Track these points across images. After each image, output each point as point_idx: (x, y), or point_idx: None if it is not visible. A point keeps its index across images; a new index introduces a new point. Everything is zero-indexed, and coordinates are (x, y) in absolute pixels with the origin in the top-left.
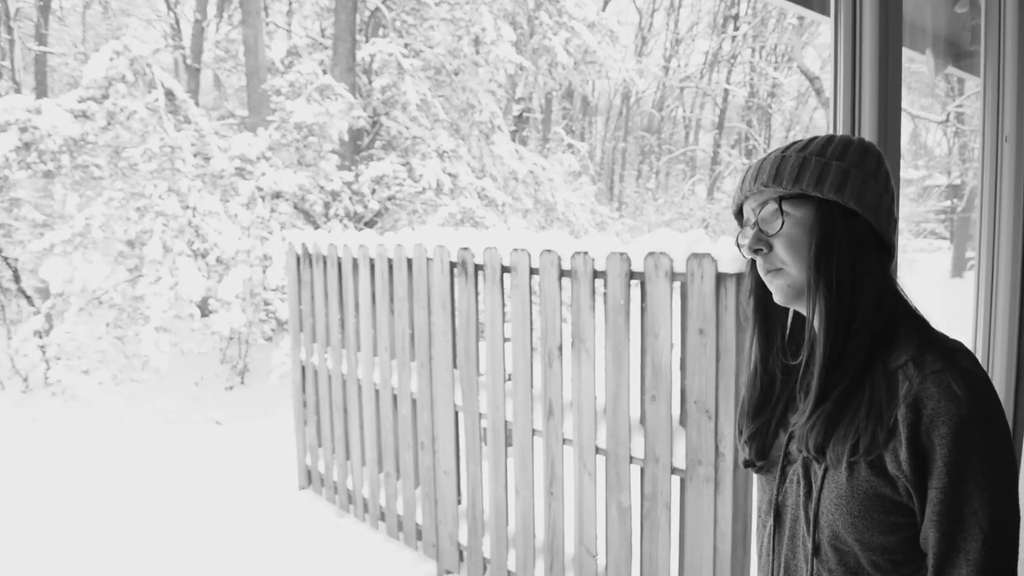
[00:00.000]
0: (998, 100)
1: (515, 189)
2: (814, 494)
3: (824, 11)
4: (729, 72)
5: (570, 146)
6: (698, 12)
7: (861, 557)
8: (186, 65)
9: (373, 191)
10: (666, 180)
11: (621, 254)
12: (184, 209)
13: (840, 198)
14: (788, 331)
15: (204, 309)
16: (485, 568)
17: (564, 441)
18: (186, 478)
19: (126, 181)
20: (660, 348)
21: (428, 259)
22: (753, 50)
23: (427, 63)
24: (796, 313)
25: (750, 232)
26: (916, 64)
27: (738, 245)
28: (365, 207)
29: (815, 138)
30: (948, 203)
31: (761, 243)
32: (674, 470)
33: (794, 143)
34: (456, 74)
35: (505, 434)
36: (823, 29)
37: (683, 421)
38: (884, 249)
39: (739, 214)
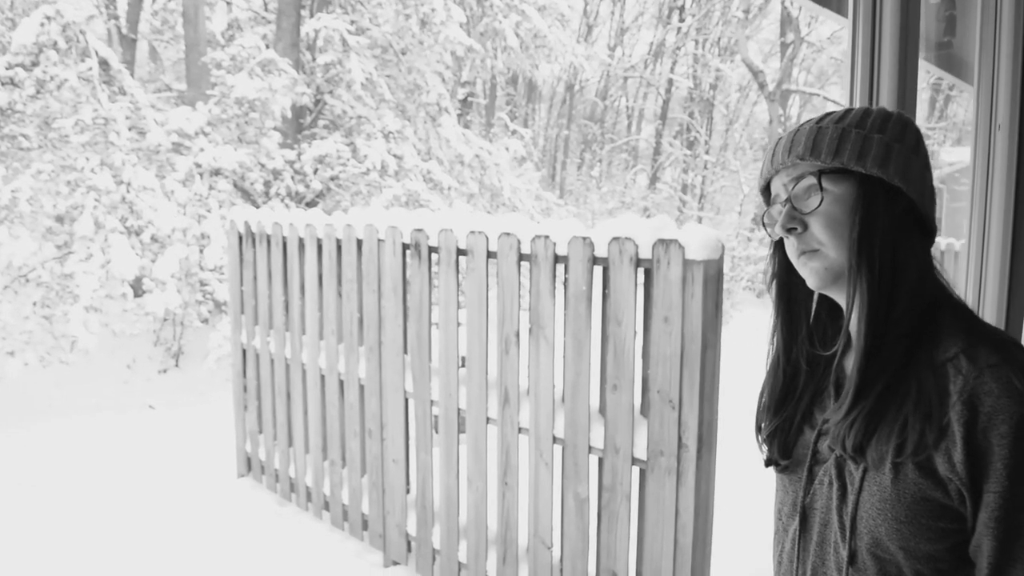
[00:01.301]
0: (992, 89)
1: (461, 173)
2: (850, 497)
3: (841, 12)
4: (673, 64)
5: (514, 132)
6: (643, 3)
7: (904, 566)
8: (121, 35)
9: (316, 171)
10: (608, 169)
11: (584, 239)
12: (118, 184)
13: (884, 174)
14: (812, 318)
15: (137, 289)
16: (435, 559)
17: (520, 430)
18: (118, 465)
19: (56, 153)
20: (623, 336)
21: (379, 240)
22: (697, 42)
23: (373, 41)
24: (820, 299)
25: (781, 210)
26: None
27: (763, 224)
28: (307, 187)
29: (849, 110)
30: None
31: (795, 221)
32: (635, 461)
33: (827, 114)
34: (403, 54)
35: (458, 422)
36: (766, 24)
37: (645, 411)
38: (926, 231)
39: (766, 191)
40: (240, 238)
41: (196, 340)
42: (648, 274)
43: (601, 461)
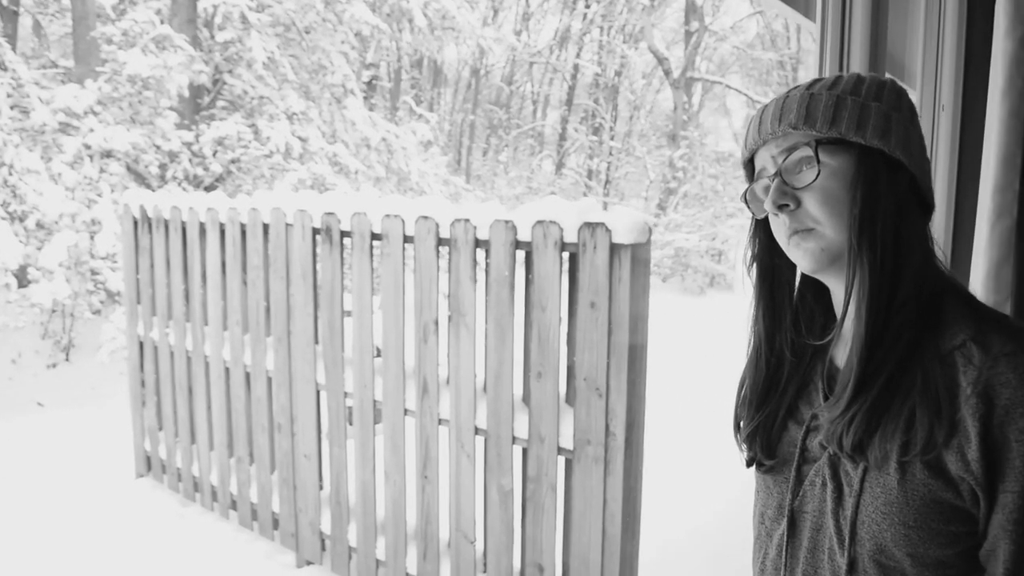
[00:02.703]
0: (936, 70)
1: (368, 156)
2: (849, 500)
3: (808, 15)
4: (579, 50)
5: (420, 116)
6: None
7: (911, 574)
8: (1, 7)
9: (215, 153)
10: (515, 155)
11: (506, 222)
12: None
13: (885, 145)
14: (792, 304)
15: (22, 279)
16: (351, 558)
17: (440, 421)
18: (3, 468)
19: None
20: (547, 322)
21: (288, 225)
22: (602, 28)
23: (276, 19)
24: (805, 282)
25: (769, 185)
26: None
27: (746, 202)
28: (206, 170)
29: (839, 76)
30: None
31: (787, 197)
32: (560, 450)
33: (816, 80)
34: (307, 32)
35: (374, 414)
36: (671, 12)
37: (571, 399)
38: (926, 208)
39: (749, 165)
40: (135, 223)
41: (87, 332)
42: (574, 258)
43: (525, 452)
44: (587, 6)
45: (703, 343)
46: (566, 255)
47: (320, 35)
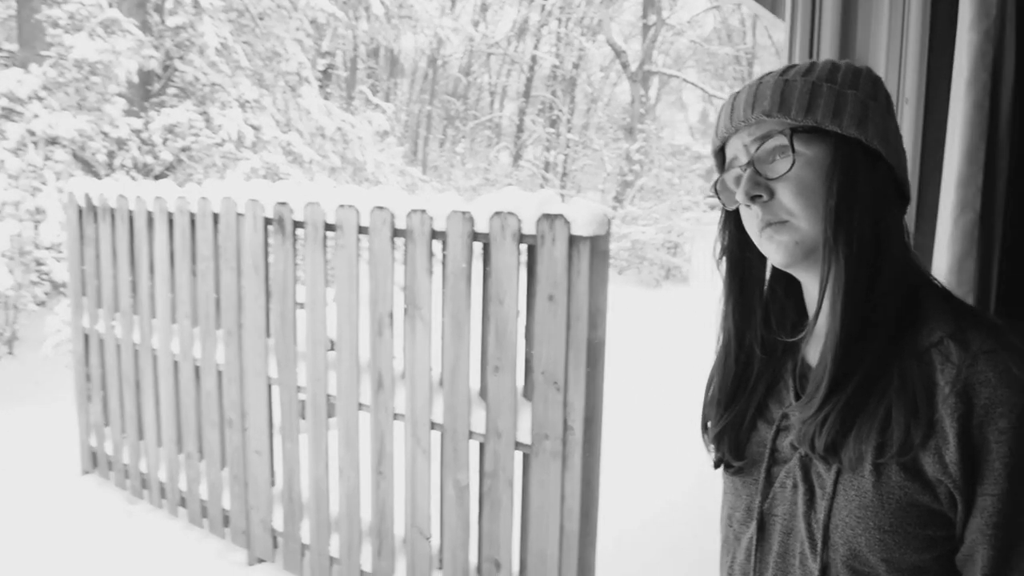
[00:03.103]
0: (900, 62)
1: (322, 146)
2: (821, 503)
3: (776, 12)
4: (537, 41)
5: (376, 106)
6: None
7: None
8: None
9: (165, 141)
10: (471, 146)
11: (464, 213)
12: None
13: (863, 135)
14: (763, 300)
15: None
16: (303, 555)
17: (395, 416)
18: None
19: None
20: (505, 315)
21: (239, 214)
22: (560, 21)
23: (228, 4)
24: (775, 276)
25: (741, 174)
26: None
27: (716, 193)
28: (156, 158)
29: (813, 63)
30: None
31: (760, 188)
32: (518, 445)
33: (790, 66)
34: (261, 19)
35: (327, 409)
36: (627, 6)
37: (528, 393)
38: (903, 201)
39: (720, 154)
40: (80, 212)
41: (31, 325)
42: (532, 250)
43: (482, 446)
44: None
45: (659, 335)
46: (524, 247)
47: (274, 21)
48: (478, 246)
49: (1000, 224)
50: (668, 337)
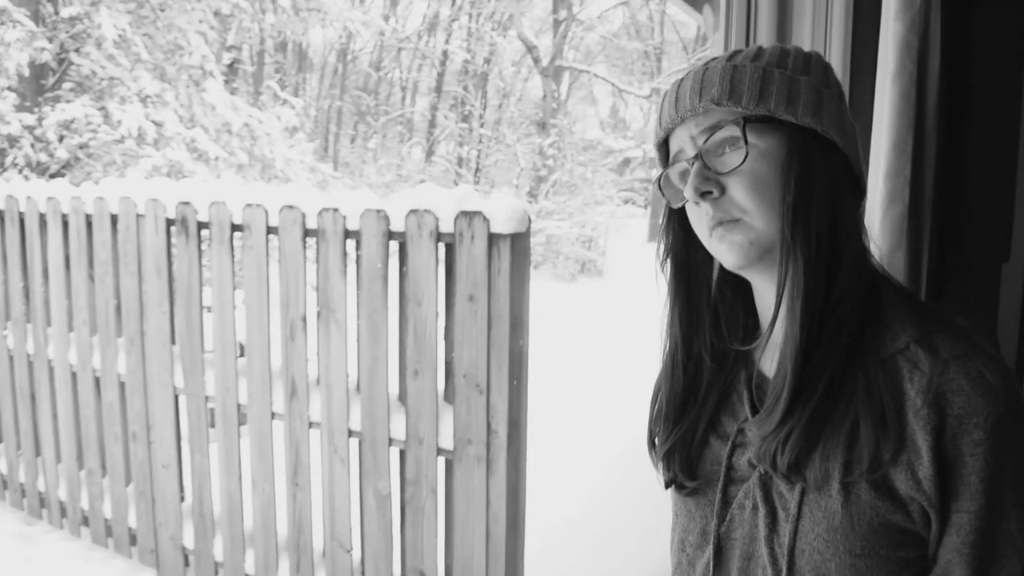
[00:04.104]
0: (825, 53)
1: (229, 142)
2: (785, 526)
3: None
4: (448, 36)
5: (285, 101)
6: None
7: None
8: None
9: (61, 138)
10: (384, 142)
11: (378, 211)
12: None
13: (818, 124)
14: (711, 304)
15: None
16: (217, 572)
17: (311, 424)
18: None
19: None
20: (423, 317)
21: (138, 215)
22: (471, 15)
23: None
24: (723, 278)
25: (687, 168)
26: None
27: (660, 189)
28: (51, 156)
29: (760, 47)
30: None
31: (711, 183)
32: (440, 451)
33: (736, 52)
34: (162, 10)
35: (238, 419)
36: (538, 1)
37: (450, 397)
38: (858, 194)
39: (663, 147)
40: None
41: None
42: (450, 249)
43: (403, 453)
44: None
45: (577, 330)
46: (442, 246)
47: (176, 13)
48: (394, 245)
49: (929, 215)
50: (586, 331)
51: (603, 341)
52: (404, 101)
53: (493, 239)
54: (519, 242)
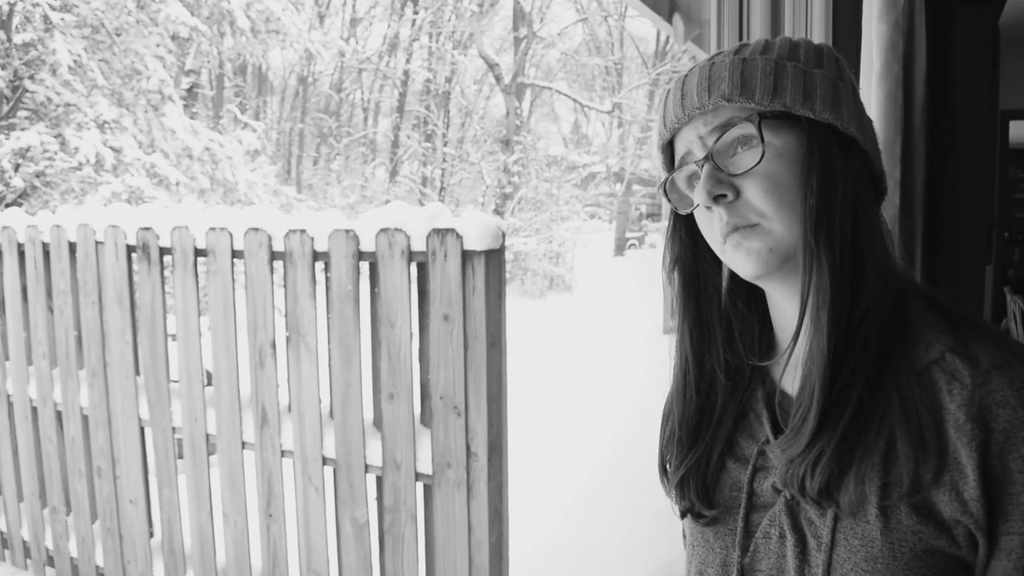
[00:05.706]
0: None
1: (190, 167)
2: (817, 556)
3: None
4: (409, 56)
5: (245, 125)
6: None
7: None
8: None
9: (17, 166)
10: (347, 163)
11: (347, 231)
12: None
13: (838, 120)
14: (724, 317)
15: None
16: None
17: (283, 453)
18: None
19: None
20: (397, 338)
21: (98, 243)
22: (431, 35)
23: (82, 19)
24: (734, 288)
25: (696, 171)
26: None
27: (666, 195)
28: (7, 185)
29: (768, 41)
30: (608, 188)
31: (724, 186)
32: (419, 476)
33: (743, 45)
34: (118, 35)
35: (207, 450)
36: (498, 20)
37: (427, 420)
38: (879, 194)
39: (668, 149)
40: None
41: None
42: (423, 268)
43: (380, 480)
44: (415, 12)
45: (550, 345)
46: (415, 265)
47: (133, 37)
48: (364, 266)
49: (921, 218)
50: (560, 347)
51: (577, 356)
52: (366, 122)
53: (467, 256)
54: (493, 259)
